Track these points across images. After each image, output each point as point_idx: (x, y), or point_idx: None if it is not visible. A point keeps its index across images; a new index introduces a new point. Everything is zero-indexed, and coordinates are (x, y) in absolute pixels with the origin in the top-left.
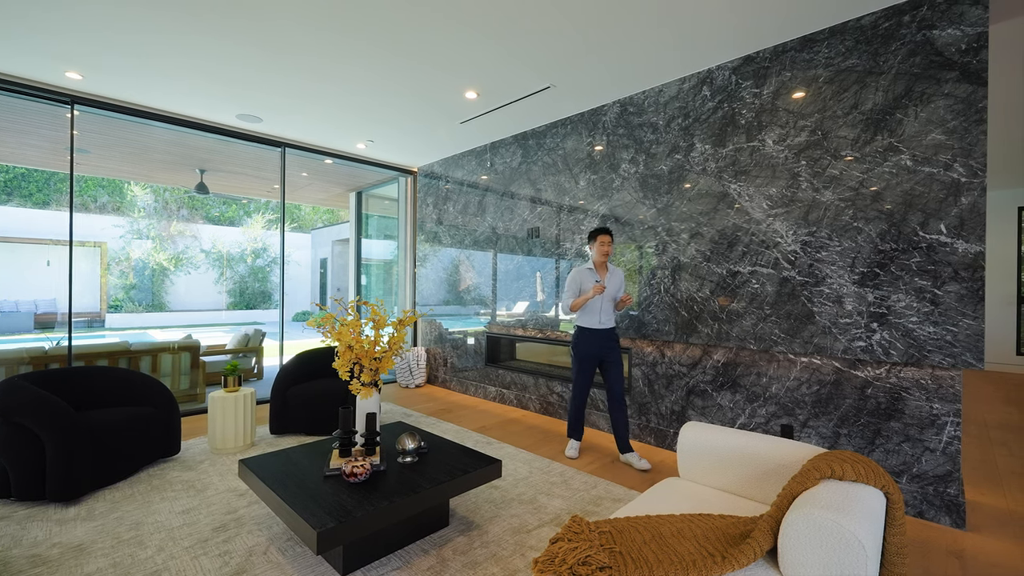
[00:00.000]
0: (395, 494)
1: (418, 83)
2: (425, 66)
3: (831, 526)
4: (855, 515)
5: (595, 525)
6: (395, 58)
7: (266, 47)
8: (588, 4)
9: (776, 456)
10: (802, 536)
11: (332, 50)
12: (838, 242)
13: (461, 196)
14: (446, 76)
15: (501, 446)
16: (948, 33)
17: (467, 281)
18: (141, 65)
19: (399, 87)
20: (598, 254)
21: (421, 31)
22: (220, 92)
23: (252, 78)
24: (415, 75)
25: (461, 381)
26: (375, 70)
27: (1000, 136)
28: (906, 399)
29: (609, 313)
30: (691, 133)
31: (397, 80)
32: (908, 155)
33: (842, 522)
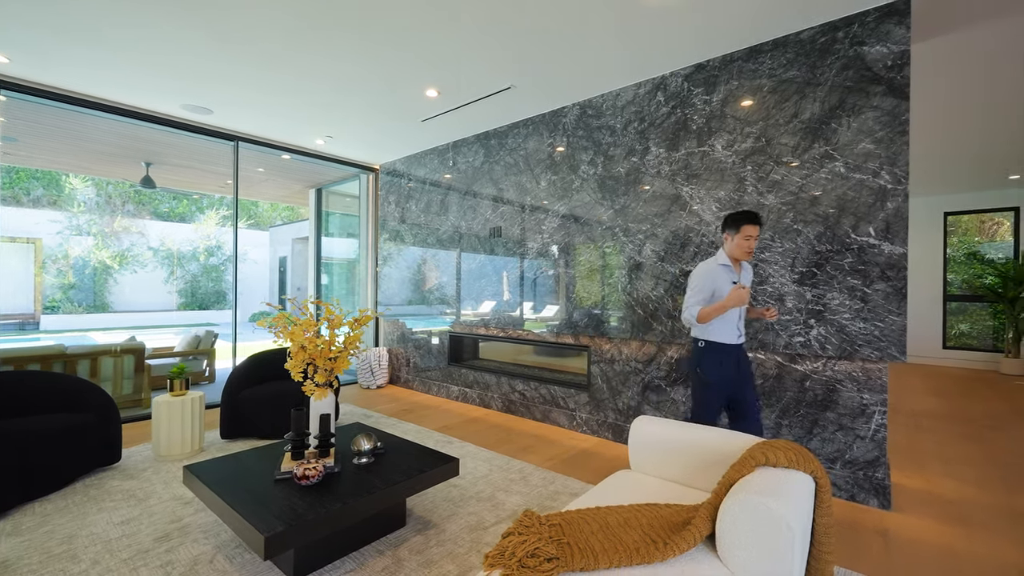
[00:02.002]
0: (349, 496)
1: (378, 79)
2: (385, 63)
3: (762, 510)
4: (784, 499)
5: (546, 518)
6: (355, 54)
7: (214, 34)
8: (546, 8)
9: (720, 447)
10: (737, 520)
11: (288, 41)
12: (780, 243)
13: (424, 195)
14: (407, 73)
15: (462, 445)
16: (876, 50)
17: (431, 280)
18: (76, 49)
19: (359, 83)
20: (740, 249)
21: (380, 27)
22: (165, 80)
23: (201, 67)
24: (376, 71)
25: (424, 381)
26: (334, 64)
27: (927, 147)
28: (840, 391)
29: (743, 324)
30: (646, 137)
31: (357, 76)
32: (842, 162)
33: (772, 506)
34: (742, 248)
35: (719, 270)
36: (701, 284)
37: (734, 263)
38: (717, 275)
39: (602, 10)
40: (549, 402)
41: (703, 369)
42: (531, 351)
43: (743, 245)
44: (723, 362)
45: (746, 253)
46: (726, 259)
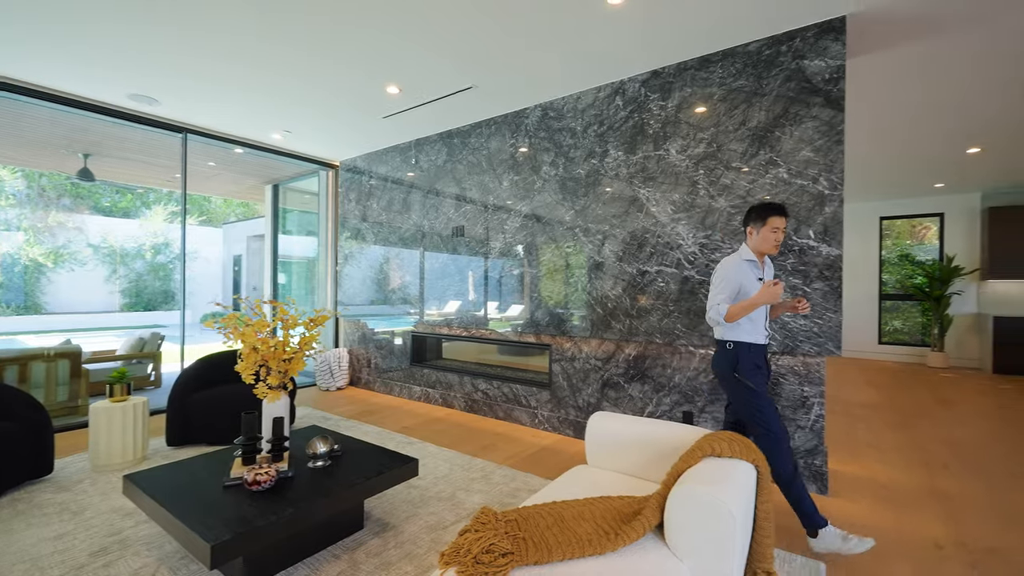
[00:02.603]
0: (303, 500)
1: (338, 74)
2: (345, 57)
3: (707, 498)
4: (727, 487)
5: (503, 515)
6: (313, 47)
7: (161, 19)
8: (507, 10)
9: (672, 440)
10: (683, 509)
11: (240, 29)
12: (729, 244)
13: (386, 192)
14: (367, 69)
15: (423, 445)
16: (815, 64)
17: (394, 280)
18: (5, 30)
19: (318, 77)
20: (767, 243)
21: (339, 21)
22: (107, 67)
23: (147, 55)
24: (335, 66)
25: (385, 382)
26: (291, 57)
27: (864, 155)
28: (783, 384)
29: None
30: (606, 140)
31: (316, 69)
32: (785, 169)
33: (715, 494)
34: (769, 241)
35: (744, 265)
36: (727, 280)
37: (759, 257)
38: (746, 272)
39: (562, 15)
40: (511, 400)
41: (743, 374)
42: (495, 350)
43: (770, 238)
44: (758, 363)
45: (774, 247)
46: (750, 254)
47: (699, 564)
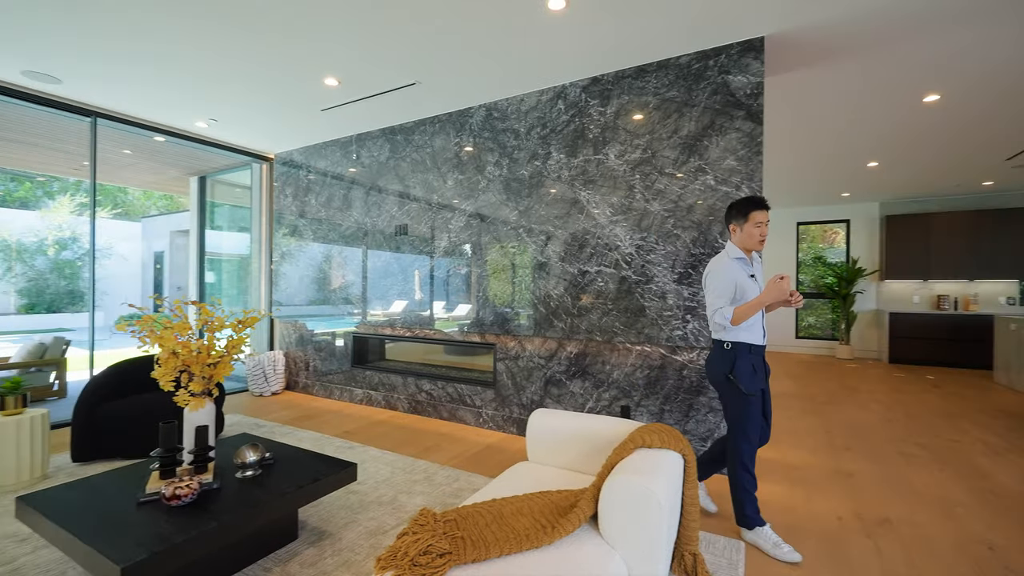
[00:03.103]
0: (228, 513)
1: (270, 60)
2: (278, 45)
3: (636, 488)
4: (656, 477)
5: (442, 515)
6: (241, 31)
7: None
8: (449, 7)
9: (608, 433)
10: (615, 499)
11: (149, 4)
12: (663, 246)
13: (325, 188)
14: (304, 58)
15: (364, 449)
16: (739, 79)
17: (336, 279)
18: None
19: (247, 63)
20: (752, 239)
21: (270, 2)
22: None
23: (39, 27)
24: (267, 53)
25: (325, 385)
26: (216, 40)
27: (783, 165)
28: None
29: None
30: (548, 142)
31: (245, 55)
32: (712, 176)
33: (643, 483)
34: (754, 237)
35: (735, 264)
36: (722, 282)
37: (746, 254)
38: (733, 269)
39: (505, 17)
40: (456, 400)
41: (738, 377)
42: (440, 351)
43: (754, 234)
44: (756, 366)
45: (759, 242)
46: (738, 252)
47: (631, 551)
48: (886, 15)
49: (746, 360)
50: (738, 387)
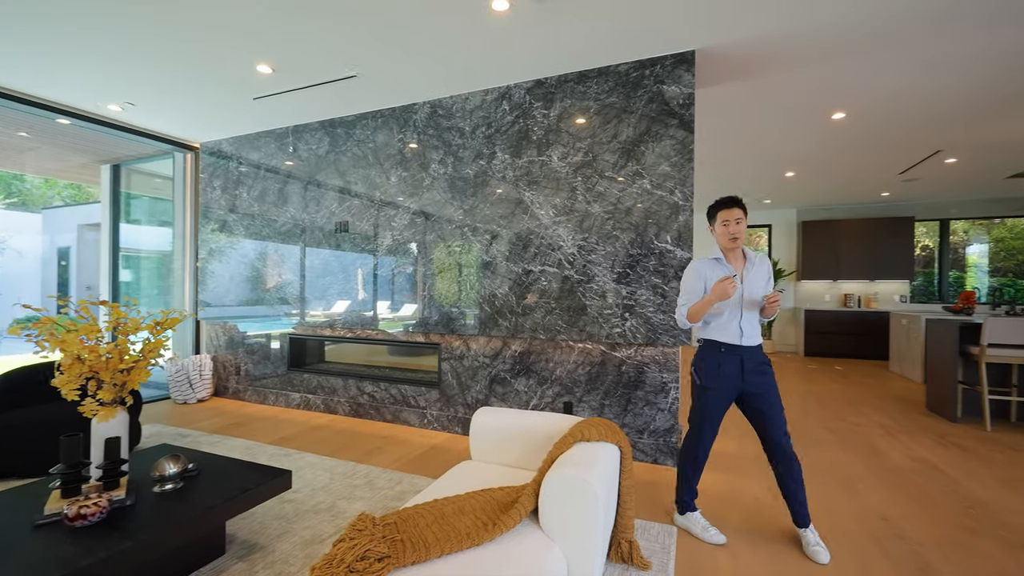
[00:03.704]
0: (144, 530)
1: (198, 42)
2: (206, 22)
3: (574, 480)
4: (592, 469)
5: (381, 519)
6: (165, 3)
7: None
8: (391, 2)
9: (551, 429)
10: (554, 492)
11: None
12: (603, 247)
13: (258, 181)
14: (234, 41)
15: (301, 456)
16: (672, 89)
17: (272, 278)
18: None
19: (171, 42)
20: (723, 238)
21: None
22: None
23: None
24: (194, 32)
25: (258, 390)
26: (134, 12)
27: (712, 172)
28: (647, 372)
29: (753, 323)
30: (493, 142)
31: (168, 33)
32: (648, 180)
33: (581, 475)
34: (724, 236)
35: (709, 264)
36: (688, 282)
37: (727, 255)
38: (706, 270)
39: (450, 15)
40: (399, 402)
41: (697, 370)
42: (383, 351)
43: (724, 232)
44: (723, 364)
45: (729, 240)
46: (718, 252)
47: (569, 542)
48: (801, 39)
49: (713, 357)
50: (697, 381)
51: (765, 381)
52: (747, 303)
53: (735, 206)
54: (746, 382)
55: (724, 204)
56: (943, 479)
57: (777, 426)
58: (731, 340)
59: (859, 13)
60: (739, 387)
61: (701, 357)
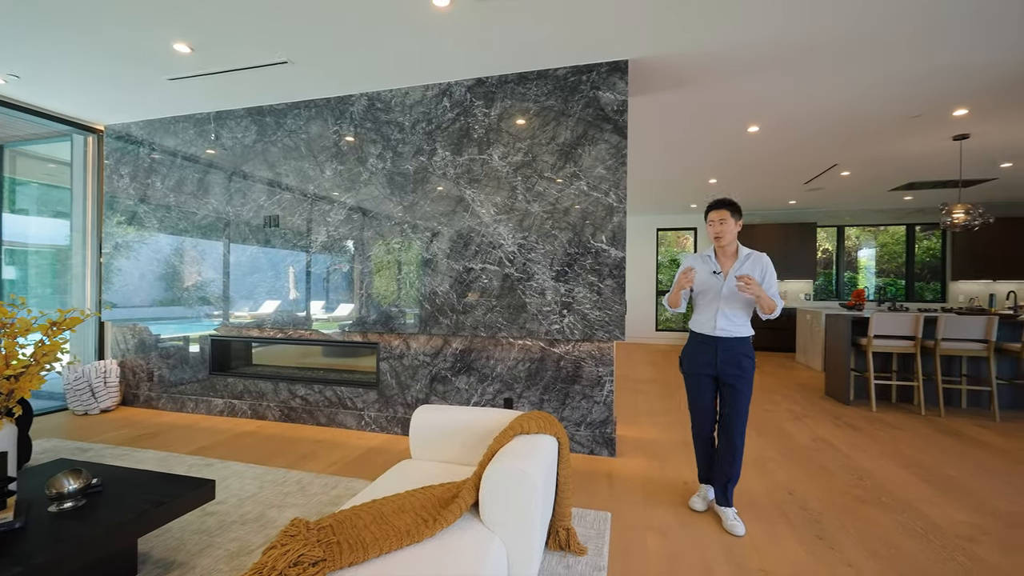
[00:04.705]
0: (37, 554)
1: (98, 10)
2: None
3: (513, 472)
4: (531, 460)
5: (315, 523)
6: None
7: None
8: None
9: (491, 424)
10: (494, 484)
11: None
12: (542, 246)
13: (175, 170)
14: (144, 13)
15: (226, 465)
16: (607, 95)
17: (190, 276)
18: None
19: (66, 7)
20: (710, 235)
21: None
22: None
23: None
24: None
25: (175, 397)
26: None
27: (646, 175)
28: (583, 367)
29: (732, 316)
30: (434, 139)
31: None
32: (585, 182)
33: (520, 467)
34: (710, 234)
35: (697, 259)
36: (677, 273)
37: (717, 252)
38: (696, 262)
39: (390, 5)
40: (335, 404)
41: (680, 358)
42: (318, 352)
43: (710, 231)
44: (696, 352)
45: (714, 239)
46: (710, 249)
47: (509, 532)
48: (721, 56)
49: (691, 346)
50: (680, 366)
51: (737, 374)
52: (725, 298)
53: (721, 208)
54: (719, 371)
55: (712, 206)
56: (838, 455)
57: (737, 417)
58: (705, 331)
59: (771, 37)
60: (714, 374)
61: (685, 346)
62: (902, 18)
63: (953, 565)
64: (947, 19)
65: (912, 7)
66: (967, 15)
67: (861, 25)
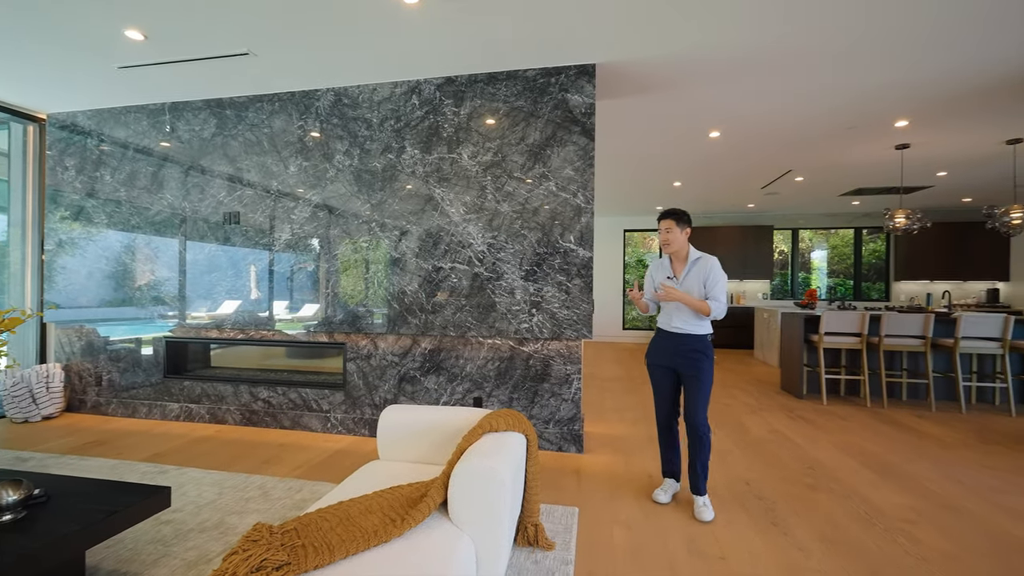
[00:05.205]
0: None
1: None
2: None
3: (482, 469)
4: (499, 458)
5: (279, 527)
6: None
7: None
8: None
9: (460, 422)
10: (463, 482)
11: None
12: (511, 245)
13: (126, 163)
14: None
15: (182, 471)
16: (576, 98)
17: (143, 275)
18: None
19: None
20: (661, 244)
21: None
22: None
23: None
24: None
25: (126, 402)
26: None
27: (613, 177)
28: (552, 365)
29: (687, 315)
30: (403, 136)
31: None
32: (554, 183)
33: (489, 464)
34: (661, 243)
35: (656, 266)
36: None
37: (671, 258)
38: (655, 270)
39: (355, 4)
40: (300, 407)
41: (647, 350)
42: (282, 353)
43: (660, 240)
44: (658, 347)
45: (663, 246)
46: (667, 256)
47: (478, 529)
48: (682, 64)
49: (654, 340)
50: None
51: (693, 367)
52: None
53: (668, 218)
54: (676, 363)
55: (660, 216)
56: (792, 446)
57: (694, 407)
58: (666, 328)
59: (730, 48)
60: (672, 366)
61: (651, 340)
62: (852, 36)
63: (895, 546)
64: (892, 39)
65: (860, 27)
66: (911, 37)
67: (814, 41)
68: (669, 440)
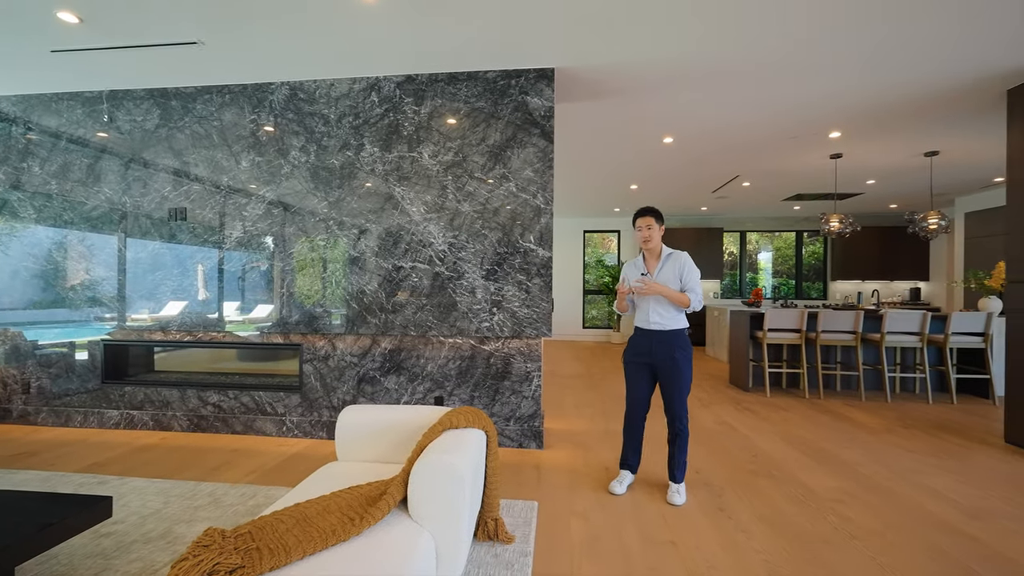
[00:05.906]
0: None
1: None
2: None
3: (441, 465)
4: (459, 453)
5: (233, 531)
6: None
7: None
8: None
9: (421, 420)
10: (423, 479)
11: None
12: (472, 245)
13: (58, 154)
14: None
15: (124, 481)
16: (535, 101)
17: (77, 274)
18: None
19: None
20: (638, 240)
21: None
22: None
23: None
24: None
25: (59, 410)
26: None
27: (574, 180)
28: (513, 363)
29: (663, 312)
30: (361, 134)
31: None
32: (514, 184)
33: (448, 460)
34: (638, 240)
35: (631, 265)
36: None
37: (645, 255)
38: (629, 270)
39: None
40: (253, 410)
41: (625, 348)
42: (233, 356)
43: (637, 237)
44: (637, 344)
45: (642, 242)
46: (640, 254)
47: (437, 525)
48: (636, 70)
49: (632, 338)
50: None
51: (671, 362)
52: (654, 296)
53: (648, 215)
54: (654, 359)
55: (639, 213)
56: (738, 436)
57: (673, 400)
58: (642, 325)
59: (680, 57)
60: (650, 362)
61: (629, 338)
62: (788, 51)
63: (826, 525)
64: (825, 56)
65: (800, 43)
66: (843, 54)
67: (758, 54)
68: (634, 435)
